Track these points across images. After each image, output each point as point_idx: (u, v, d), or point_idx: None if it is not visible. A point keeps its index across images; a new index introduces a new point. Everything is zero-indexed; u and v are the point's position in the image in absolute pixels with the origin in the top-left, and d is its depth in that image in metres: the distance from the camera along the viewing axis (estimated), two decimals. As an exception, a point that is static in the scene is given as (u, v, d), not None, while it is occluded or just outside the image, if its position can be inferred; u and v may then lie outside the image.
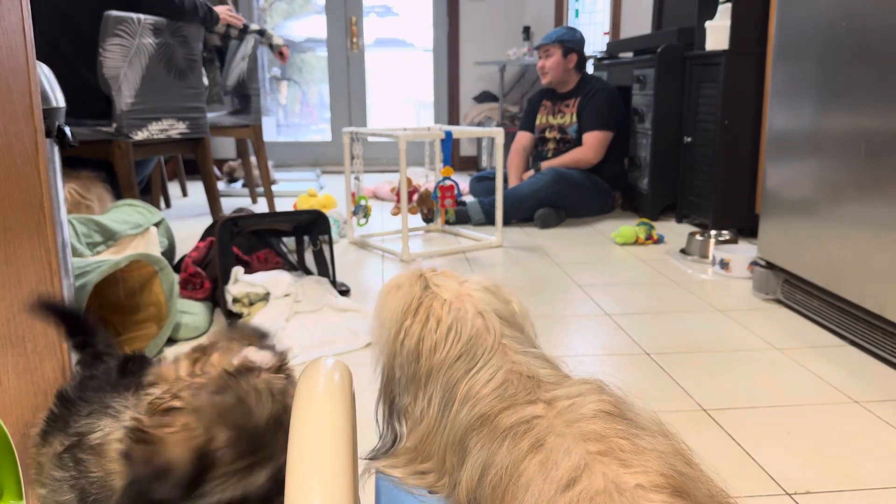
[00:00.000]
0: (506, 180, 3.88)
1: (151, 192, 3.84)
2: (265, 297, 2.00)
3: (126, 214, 2.19)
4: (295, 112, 6.34)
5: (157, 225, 2.26)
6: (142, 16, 2.60)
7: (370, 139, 6.10)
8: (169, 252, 2.35)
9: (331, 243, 2.22)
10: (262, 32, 4.04)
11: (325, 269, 2.22)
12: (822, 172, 1.88)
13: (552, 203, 3.51)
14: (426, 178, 3.49)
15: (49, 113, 1.11)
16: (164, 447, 0.64)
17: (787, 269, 2.06)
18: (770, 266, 2.18)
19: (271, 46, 4.05)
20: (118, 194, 2.63)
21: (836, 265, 1.82)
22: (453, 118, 6.11)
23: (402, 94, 6.31)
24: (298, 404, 0.65)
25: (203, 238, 2.29)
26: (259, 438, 0.67)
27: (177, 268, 2.22)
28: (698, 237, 2.77)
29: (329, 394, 0.66)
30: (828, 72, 1.84)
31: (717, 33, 3.09)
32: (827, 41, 1.84)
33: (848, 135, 1.77)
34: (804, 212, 1.96)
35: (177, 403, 0.66)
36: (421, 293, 0.89)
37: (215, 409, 0.66)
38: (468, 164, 6.17)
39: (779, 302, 2.18)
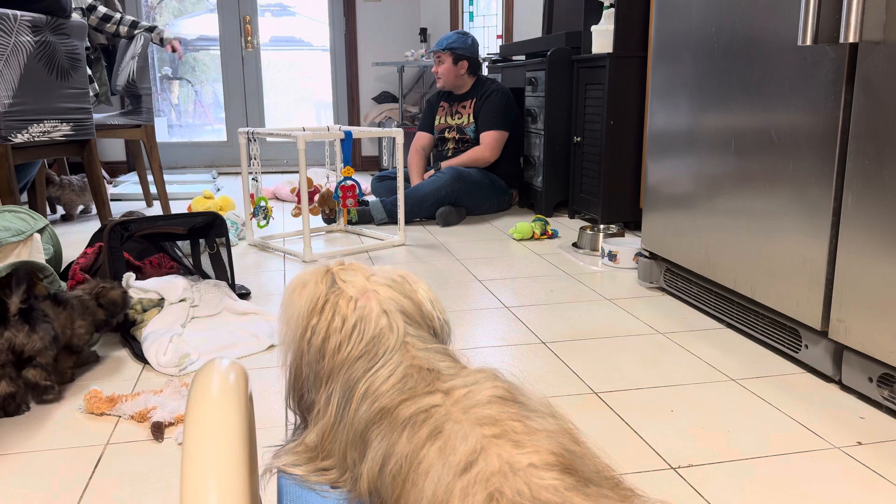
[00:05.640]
0: (407, 180, 3.92)
1: (35, 197, 3.64)
2: (159, 303, 1.95)
3: (7, 221, 2.08)
4: (188, 112, 6.14)
5: (41, 231, 2.15)
6: (18, 12, 2.47)
7: (269, 139, 5.99)
8: (55, 259, 2.24)
9: (228, 246, 2.19)
10: (151, 29, 3.91)
11: (222, 272, 2.18)
12: (697, 168, 2.02)
13: (452, 201, 3.58)
14: (327, 179, 3.47)
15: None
16: None
17: (668, 259, 2.20)
18: (653, 256, 2.32)
19: (162, 42, 3.92)
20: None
21: (712, 254, 1.96)
22: (353, 118, 6.09)
23: (301, 94, 6.23)
24: (192, 406, 0.65)
25: (91, 244, 2.20)
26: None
27: (64, 275, 2.12)
28: (588, 231, 2.91)
29: (223, 395, 0.66)
30: (700, 73, 1.98)
31: (602, 37, 3.24)
32: (699, 45, 1.98)
33: (720, 132, 1.90)
34: (682, 205, 2.10)
35: None
36: (327, 290, 0.89)
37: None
38: (370, 164, 6.17)
39: (662, 290, 2.32)
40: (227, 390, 0.66)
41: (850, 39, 1.40)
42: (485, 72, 4.68)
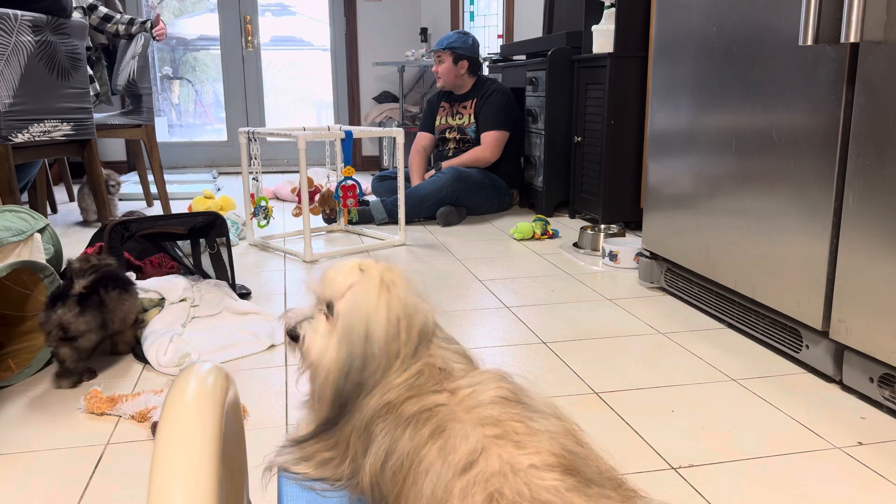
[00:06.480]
0: (408, 179, 3.92)
1: (36, 197, 3.64)
2: (160, 303, 1.95)
3: (8, 221, 2.08)
4: (188, 112, 6.14)
5: (41, 231, 2.15)
6: (19, 12, 2.47)
7: (269, 139, 5.99)
8: (55, 259, 2.24)
9: (229, 245, 2.18)
10: (144, 23, 3.91)
11: (223, 272, 2.18)
12: (698, 168, 2.02)
13: (453, 201, 3.58)
14: (328, 178, 3.47)
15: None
16: None
17: (669, 259, 2.20)
18: (654, 256, 2.32)
19: (149, 25, 3.92)
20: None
21: (712, 254, 1.95)
22: (354, 118, 6.09)
23: (301, 94, 6.23)
24: (167, 410, 0.64)
25: (91, 244, 2.20)
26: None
27: (63, 275, 2.12)
28: (589, 231, 2.90)
29: (199, 399, 0.64)
30: (701, 73, 1.98)
31: (603, 37, 3.24)
32: (700, 45, 1.98)
33: (720, 132, 1.90)
34: (683, 205, 2.10)
35: None
36: (403, 296, 0.87)
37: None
38: (370, 163, 6.17)
39: (662, 289, 2.32)
40: (203, 395, 0.65)
41: (851, 39, 1.40)
42: (485, 72, 4.68)
